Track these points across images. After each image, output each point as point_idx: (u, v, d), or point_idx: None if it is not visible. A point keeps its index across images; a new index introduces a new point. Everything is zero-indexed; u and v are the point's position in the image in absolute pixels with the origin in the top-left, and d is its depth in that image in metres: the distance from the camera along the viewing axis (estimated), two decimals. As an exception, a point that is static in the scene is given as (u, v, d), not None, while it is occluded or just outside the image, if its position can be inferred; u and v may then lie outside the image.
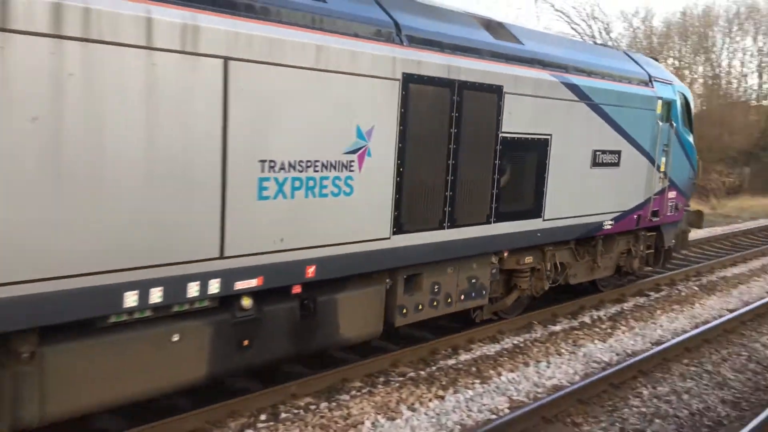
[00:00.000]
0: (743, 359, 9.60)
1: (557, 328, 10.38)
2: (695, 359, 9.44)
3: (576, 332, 10.21)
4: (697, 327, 10.84)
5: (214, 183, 5.72)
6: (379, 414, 6.97)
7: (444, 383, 7.93)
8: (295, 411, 6.98)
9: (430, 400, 7.44)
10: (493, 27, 8.93)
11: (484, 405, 7.47)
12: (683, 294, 13.01)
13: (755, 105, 43.21)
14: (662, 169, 12.05)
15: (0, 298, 4.58)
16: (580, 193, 10.09)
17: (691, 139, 13.10)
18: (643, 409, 7.68)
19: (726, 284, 14.04)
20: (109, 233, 5.10)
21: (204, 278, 5.76)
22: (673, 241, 13.40)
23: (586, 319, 10.92)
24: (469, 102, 7.91)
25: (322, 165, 6.54)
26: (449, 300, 8.63)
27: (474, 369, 8.46)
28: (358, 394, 7.47)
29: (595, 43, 13.88)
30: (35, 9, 4.48)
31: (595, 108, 10.09)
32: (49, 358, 5.10)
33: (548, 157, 9.36)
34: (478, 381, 8.08)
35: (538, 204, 9.38)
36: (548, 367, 8.74)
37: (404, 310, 8.02)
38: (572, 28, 40.05)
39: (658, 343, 10.02)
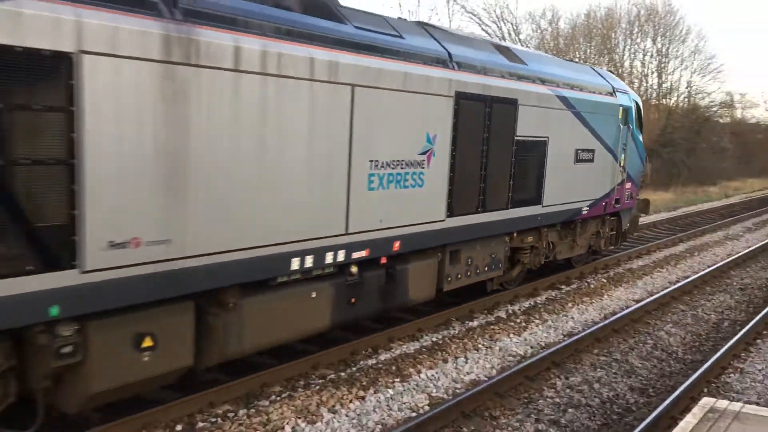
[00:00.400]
0: (649, 347, 10.07)
1: (474, 323, 10.58)
2: (605, 349, 9.83)
3: (492, 327, 10.44)
4: (606, 318, 11.30)
5: (344, 178, 7.72)
6: (299, 418, 6.91)
7: (364, 383, 7.94)
8: (213, 420, 6.82)
9: (351, 402, 7.43)
10: (504, 51, 11.07)
11: (405, 403, 7.53)
12: (592, 286, 13.53)
13: (655, 104, 45.49)
14: (622, 164, 14.41)
15: (227, 261, 6.51)
16: (566, 184, 12.27)
17: (641, 138, 15.56)
18: (557, 400, 7.93)
19: (632, 276, 14.69)
20: (286, 217, 7.06)
21: (335, 249, 7.77)
22: (628, 224, 15.79)
23: (502, 314, 11.18)
24: (496, 112, 10.04)
25: (405, 163, 8.60)
26: (477, 271, 10.63)
27: (394, 368, 8.51)
28: (278, 399, 7.38)
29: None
30: (253, 57, 6.51)
31: (577, 114, 12.35)
32: (245, 307, 6.95)
33: (546, 155, 11.58)
34: (398, 380, 8.14)
35: (539, 193, 11.58)
36: (466, 362, 8.90)
37: (449, 278, 9.99)
38: (483, 29, 40.94)
39: (570, 334, 10.38)
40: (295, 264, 7.25)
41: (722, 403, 5.93)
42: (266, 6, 6.91)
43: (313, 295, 7.72)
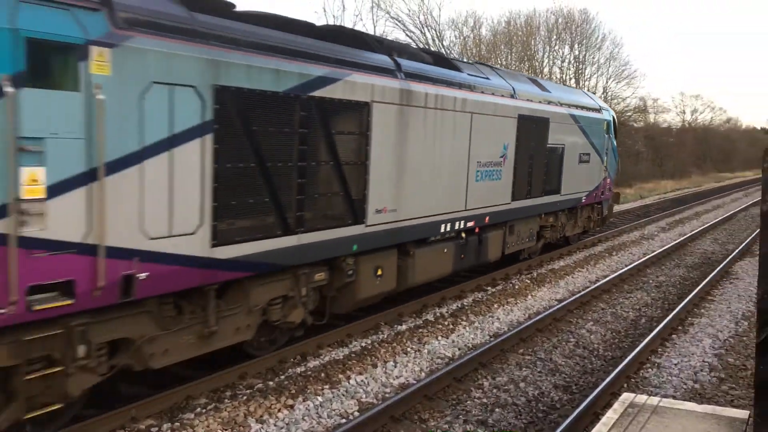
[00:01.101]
0: (571, 345, 10.35)
1: (403, 327, 10.63)
2: (529, 348, 10.05)
3: (421, 330, 10.52)
4: (530, 318, 11.56)
5: (465, 173, 11.82)
6: (226, 430, 6.76)
7: (293, 392, 7.85)
8: (136, 435, 6.59)
9: (279, 411, 7.32)
10: (535, 82, 15.74)
11: (334, 410, 7.48)
12: (517, 287, 13.83)
13: (574, 109, 46.88)
14: (605, 165, 19.02)
15: (415, 225, 10.48)
16: (574, 179, 16.74)
17: (616, 144, 20.30)
18: (485, 400, 8.04)
19: (554, 276, 15.09)
20: (438, 198, 11.03)
21: (459, 220, 11.82)
22: (606, 211, 20.26)
23: (430, 317, 11.28)
24: (537, 128, 14.40)
25: (492, 164, 12.75)
26: (522, 241, 14.86)
27: (323, 374, 8.44)
28: (204, 411, 7.20)
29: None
30: (431, 98, 10.52)
31: (580, 128, 16.91)
32: (416, 254, 10.76)
33: (563, 158, 16.04)
34: (327, 386, 8.08)
35: (558, 186, 16.01)
36: (395, 366, 8.92)
37: (508, 245, 14.14)
38: (407, 35, 41.31)
39: (496, 335, 10.56)
40: (442, 228, 11.37)
41: (641, 398, 6.14)
42: (434, 66, 11.27)
43: (445, 250, 11.74)
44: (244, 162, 7.39)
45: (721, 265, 16.53)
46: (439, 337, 10.24)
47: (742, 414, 5.70)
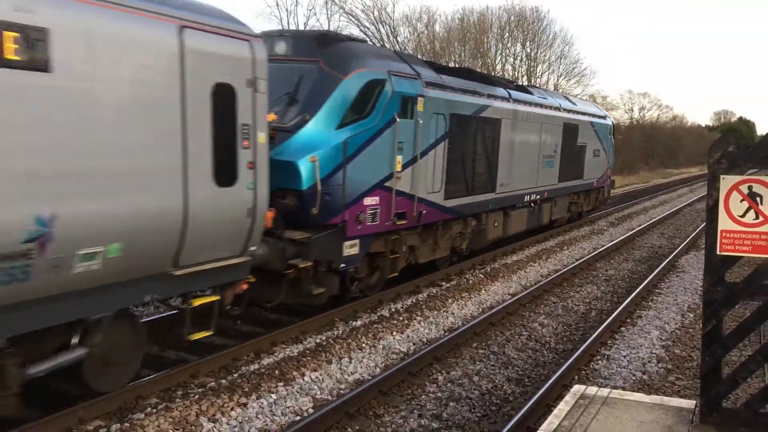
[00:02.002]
0: (524, 338, 10.48)
1: (358, 323, 10.61)
2: (483, 342, 10.14)
3: (376, 326, 10.51)
4: (483, 312, 11.66)
5: (537, 163, 17.97)
6: (177, 430, 6.63)
7: (247, 390, 7.75)
8: (83, 437, 6.41)
9: (233, 409, 7.22)
10: (568, 98, 22.50)
11: (288, 407, 7.41)
12: (471, 282, 13.94)
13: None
14: (608, 158, 25.35)
15: (514, 195, 16.65)
16: (590, 168, 22.85)
17: (613, 143, 26.54)
18: (439, 394, 8.08)
19: (507, 271, 15.27)
20: (524, 179, 17.11)
21: (532, 194, 17.73)
22: (607, 194, 26.69)
23: (385, 313, 11.28)
24: (572, 132, 20.28)
25: (550, 156, 18.80)
26: (559, 212, 20.49)
27: (277, 372, 8.36)
28: (154, 411, 7.05)
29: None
30: (525, 114, 16.99)
31: (595, 131, 23.09)
32: (511, 214, 16.62)
33: (585, 153, 22.15)
34: (281, 384, 8.00)
35: (581, 173, 22.03)
36: (350, 362, 8.89)
37: (552, 214, 19.84)
38: (362, 30, 41.24)
39: (450, 329, 10.62)
40: (525, 199, 17.17)
41: (592, 390, 6.24)
42: (522, 93, 17.22)
43: (523, 213, 17.42)
44: (457, 154, 13.54)
45: (668, 259, 16.96)
46: (394, 333, 10.25)
47: (689, 404, 5.85)
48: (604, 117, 24.84)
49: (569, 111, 20.45)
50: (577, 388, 6.32)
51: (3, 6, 5.32)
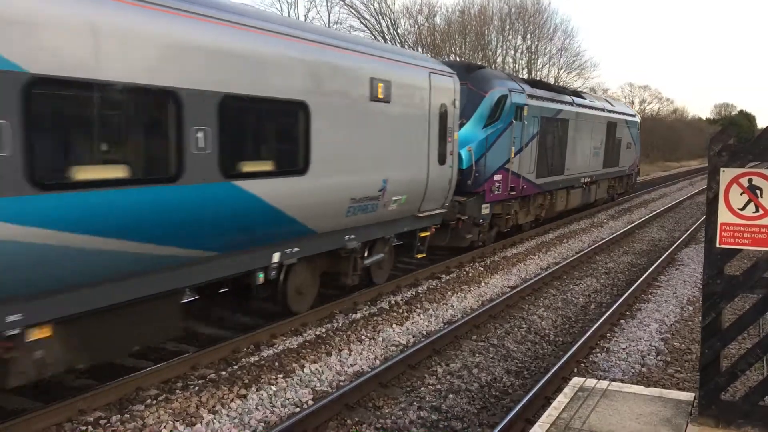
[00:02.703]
0: (523, 331, 10.50)
1: (358, 315, 10.62)
2: (483, 335, 10.15)
3: (375, 318, 10.52)
4: (483, 305, 11.68)
5: (589, 152, 23.35)
6: (177, 421, 6.65)
7: (246, 382, 7.76)
8: (83, 428, 6.43)
9: (232, 401, 7.24)
10: (609, 101, 28.61)
11: (288, 399, 7.43)
12: (470, 275, 13.95)
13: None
14: (636, 150, 30.52)
15: (575, 177, 22.03)
16: (624, 158, 27.90)
17: (639, 136, 31.63)
18: (438, 387, 8.10)
19: (507, 263, 15.28)
20: (581, 165, 22.45)
21: (585, 177, 23.04)
22: (635, 180, 32.08)
23: (385, 305, 11.29)
24: (612, 128, 25.84)
25: (597, 147, 24.19)
26: (600, 193, 25.78)
27: (277, 364, 8.37)
28: (154, 402, 7.06)
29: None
30: (596, 117, 24.38)
31: (627, 127, 28.16)
32: (571, 192, 22.01)
33: (621, 144, 27.33)
34: (281, 376, 8.01)
35: (618, 161, 27.15)
36: (350, 354, 8.91)
37: (597, 195, 25.28)
38: (362, 23, 41.15)
39: (450, 322, 10.64)
40: (581, 180, 22.37)
41: (591, 382, 6.26)
42: (578, 98, 22.73)
43: (580, 192, 22.55)
44: (543, 146, 18.51)
45: (668, 252, 16.97)
46: (394, 325, 10.26)
47: (688, 396, 5.86)
48: (633, 116, 30.86)
49: (610, 111, 26.03)
50: (576, 381, 6.34)
51: (367, 69, 10.24)
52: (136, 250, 6.68)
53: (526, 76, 47.53)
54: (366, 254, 11.33)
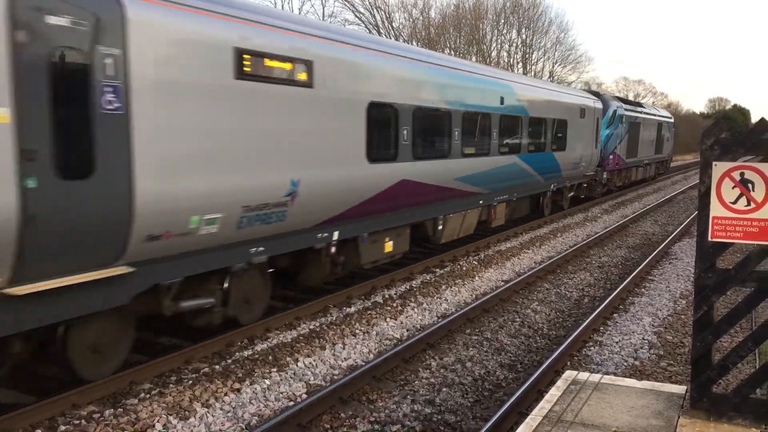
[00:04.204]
0: (517, 325, 10.52)
1: (352, 309, 10.63)
2: (476, 328, 10.18)
3: (369, 312, 10.53)
4: (477, 299, 11.70)
5: (647, 146, 35.94)
6: (170, 415, 6.65)
7: (240, 375, 7.77)
8: (77, 422, 6.43)
9: (226, 394, 7.24)
10: (656, 108, 42.30)
11: (282, 393, 7.43)
12: (464, 269, 13.97)
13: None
14: (671, 142, 43.73)
15: (639, 161, 34.53)
16: (665, 148, 41.27)
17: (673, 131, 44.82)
18: (432, 380, 8.11)
19: (501, 257, 15.30)
20: (641, 154, 34.29)
21: (647, 160, 36.43)
22: (669, 165, 45.39)
23: (379, 299, 11.30)
24: (659, 128, 38.34)
25: (651, 141, 36.69)
26: (646, 173, 37.44)
27: (271, 358, 8.38)
28: (148, 396, 7.07)
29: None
30: (648, 122, 36.21)
31: (667, 126, 41.08)
32: (637, 171, 35.34)
33: (664, 139, 39.97)
34: (275, 369, 8.02)
35: (662, 150, 40.17)
36: (344, 348, 8.92)
37: (647, 173, 37.82)
38: (357, 16, 41.05)
39: (443, 316, 10.65)
40: (642, 163, 35.45)
41: (583, 375, 6.28)
42: (642, 107, 36.14)
43: (643, 169, 35.67)
44: (629, 140, 30.42)
45: (661, 246, 17.02)
46: (388, 319, 10.27)
47: (680, 389, 5.89)
48: (670, 118, 43.25)
49: (658, 116, 38.77)
50: (569, 374, 6.36)
51: (578, 102, 23.41)
52: None
53: (521, 71, 47.59)
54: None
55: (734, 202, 4.97)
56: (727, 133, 5.07)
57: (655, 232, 20.81)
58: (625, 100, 32.29)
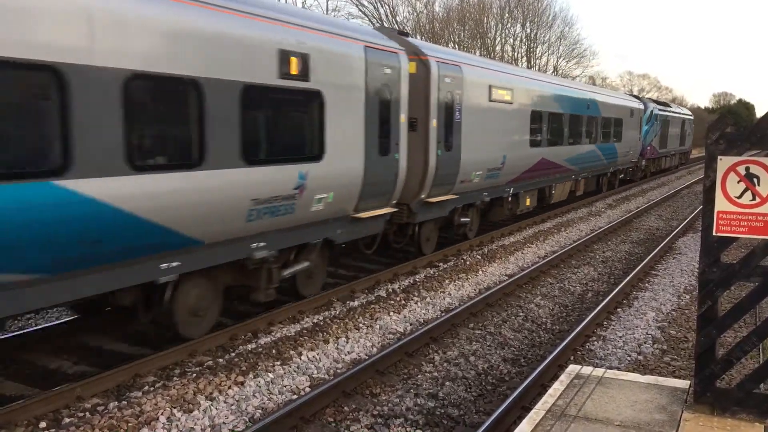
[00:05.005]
0: (520, 319, 10.52)
1: (355, 303, 10.64)
2: (480, 323, 10.18)
3: (373, 306, 10.54)
4: (480, 293, 11.70)
5: (674, 139, 43.48)
6: (174, 408, 6.67)
7: (244, 369, 7.78)
8: (81, 414, 6.45)
9: (230, 388, 7.26)
10: (681, 107, 54.87)
11: (285, 386, 7.45)
12: (468, 263, 13.96)
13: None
14: (692, 137, 51.32)
15: (666, 152, 42.06)
16: (687, 141, 49.02)
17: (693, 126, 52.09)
18: (435, 374, 8.12)
19: (504, 252, 15.29)
20: (670, 144, 42.96)
21: (673, 151, 44.26)
22: (689, 155, 54.14)
23: (382, 293, 11.31)
24: (682, 124, 45.38)
25: (678, 136, 44.72)
26: (671, 162, 45.20)
27: (274, 351, 8.39)
28: (152, 389, 7.08)
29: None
30: (674, 120, 43.01)
31: (689, 123, 48.58)
32: (666, 160, 43.06)
33: (686, 133, 47.45)
34: (278, 363, 8.03)
35: (684, 143, 47.51)
36: (347, 342, 8.93)
37: (672, 162, 46.20)
38: (361, 10, 40.96)
39: (447, 310, 10.66)
40: (671, 153, 43.45)
41: (587, 369, 6.28)
42: (669, 106, 42.39)
43: (670, 159, 44.01)
44: (660, 134, 37.78)
45: (665, 241, 16.98)
46: (391, 313, 10.28)
47: (684, 384, 5.88)
48: (691, 115, 49.27)
49: (682, 114, 44.96)
50: (572, 368, 6.36)
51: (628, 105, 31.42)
52: None
53: (525, 65, 47.46)
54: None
55: (739, 197, 4.95)
56: (732, 127, 5.05)
57: (659, 227, 20.77)
58: (657, 102, 39.90)
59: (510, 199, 17.27)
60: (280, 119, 8.92)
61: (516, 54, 48.01)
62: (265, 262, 9.02)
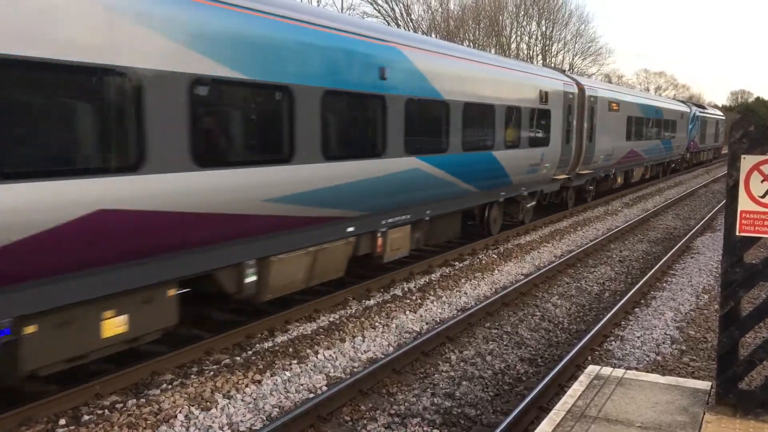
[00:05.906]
0: (537, 319, 10.47)
1: (371, 302, 10.63)
2: (496, 322, 10.14)
3: (389, 305, 10.52)
4: (497, 292, 11.65)
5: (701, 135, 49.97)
6: (192, 405, 6.69)
7: (261, 367, 7.80)
8: (99, 411, 6.49)
9: (247, 386, 7.27)
10: (717, 107, 77.31)
11: (302, 385, 7.45)
12: (484, 262, 13.91)
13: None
14: (719, 135, 57.69)
15: (704, 146, 51.55)
16: (716, 139, 55.48)
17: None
18: (452, 373, 8.09)
19: (520, 251, 15.22)
20: (706, 142, 50.74)
21: (708, 147, 53.17)
22: (719, 152, 62.83)
23: (398, 292, 11.29)
24: (718, 123, 55.83)
25: (709, 136, 53.15)
26: (710, 155, 56.31)
27: (291, 350, 8.40)
28: (170, 387, 7.12)
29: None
30: (706, 119, 50.03)
31: (717, 123, 55.18)
32: (702, 153, 51.55)
33: (718, 133, 56.40)
34: (295, 361, 8.04)
35: (704, 140, 49.23)
36: (363, 341, 8.92)
37: (708, 156, 55.46)
38: (376, 9, 40.93)
39: (463, 309, 10.62)
40: (708, 148, 52.93)
41: (606, 370, 6.22)
42: (704, 108, 51.99)
43: (706, 153, 52.08)
44: (700, 132, 46.28)
45: (683, 240, 16.83)
46: (407, 312, 10.26)
47: (704, 385, 5.82)
48: (723, 116, 55.16)
49: (716, 115, 51.63)
50: (592, 369, 6.30)
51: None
52: None
53: (540, 63, 47.20)
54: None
55: (763, 197, 4.88)
56: (755, 126, 4.98)
57: (677, 226, 20.60)
58: (698, 105, 48.38)
59: (612, 176, 25.22)
60: (541, 125, 17.04)
61: (531, 52, 47.81)
62: (523, 198, 16.95)
